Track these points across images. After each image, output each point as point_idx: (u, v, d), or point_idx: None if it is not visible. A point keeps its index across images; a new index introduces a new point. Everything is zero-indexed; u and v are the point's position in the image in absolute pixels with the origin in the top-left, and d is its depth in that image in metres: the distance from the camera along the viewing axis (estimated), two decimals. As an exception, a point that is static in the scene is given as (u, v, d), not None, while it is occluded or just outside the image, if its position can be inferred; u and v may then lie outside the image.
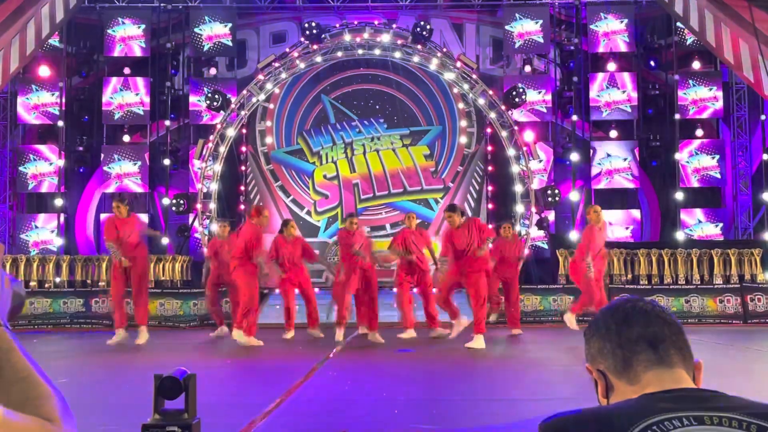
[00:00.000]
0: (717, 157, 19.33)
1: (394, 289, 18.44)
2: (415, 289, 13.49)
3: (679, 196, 19.18)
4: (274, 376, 9.12)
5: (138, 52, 19.93)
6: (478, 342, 11.33)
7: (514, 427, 5.38)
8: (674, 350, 1.79)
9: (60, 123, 19.62)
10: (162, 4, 20.09)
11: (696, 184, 19.36)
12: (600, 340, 1.85)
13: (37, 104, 19.54)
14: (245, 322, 11.88)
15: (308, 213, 19.70)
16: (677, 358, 1.78)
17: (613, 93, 19.45)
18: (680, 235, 18.74)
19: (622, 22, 19.58)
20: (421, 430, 5.59)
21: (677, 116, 19.28)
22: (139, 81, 19.74)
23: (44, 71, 19.28)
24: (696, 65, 19.49)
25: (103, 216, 19.72)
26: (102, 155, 19.73)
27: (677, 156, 19.25)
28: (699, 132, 19.54)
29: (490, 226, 13.58)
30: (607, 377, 1.81)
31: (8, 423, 1.33)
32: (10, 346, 1.46)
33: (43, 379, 1.47)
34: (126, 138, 20.06)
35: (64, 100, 19.73)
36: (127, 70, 19.89)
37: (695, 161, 19.29)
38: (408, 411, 6.46)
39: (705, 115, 19.50)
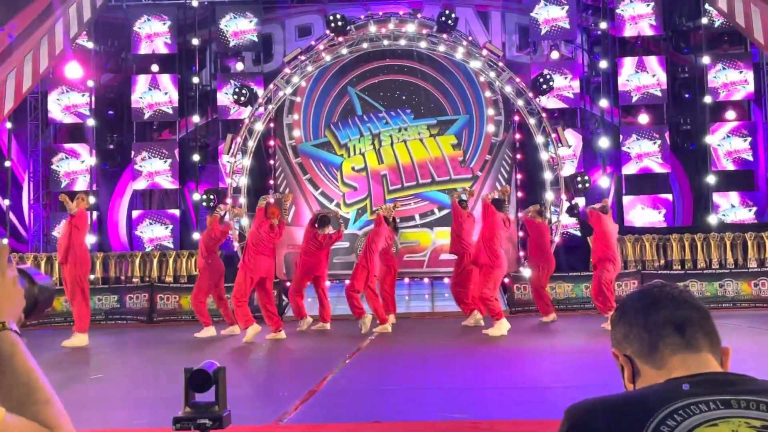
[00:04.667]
0: (749, 139, 19.07)
1: (426, 280, 18.54)
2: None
3: (711, 179, 18.95)
4: (306, 367, 9.16)
5: (164, 49, 20.04)
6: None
7: (544, 414, 5.36)
8: (701, 335, 1.78)
9: (90, 121, 19.80)
10: (187, 1, 20.18)
11: (728, 167, 19.12)
12: (626, 324, 1.84)
13: (68, 104, 19.72)
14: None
15: (337, 205, 19.70)
16: (704, 343, 1.77)
17: (642, 77, 19.24)
18: (713, 219, 18.53)
19: (648, 5, 19.35)
20: (450, 418, 5.59)
21: (708, 99, 19.04)
22: (167, 78, 19.85)
23: (73, 70, 19.43)
24: (726, 47, 19.22)
25: (135, 213, 19.91)
26: (132, 152, 19.88)
27: (708, 139, 19.02)
28: (730, 114, 19.28)
29: None
30: (633, 362, 1.81)
31: (8, 426, 1.35)
32: (13, 351, 1.47)
33: (44, 383, 1.47)
34: (156, 135, 20.19)
35: (93, 98, 19.90)
36: (155, 68, 20.00)
37: (727, 144, 19.04)
38: (438, 400, 6.46)
39: (736, 98, 19.23)
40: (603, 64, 19.61)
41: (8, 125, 18.94)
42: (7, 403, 1.42)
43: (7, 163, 19.15)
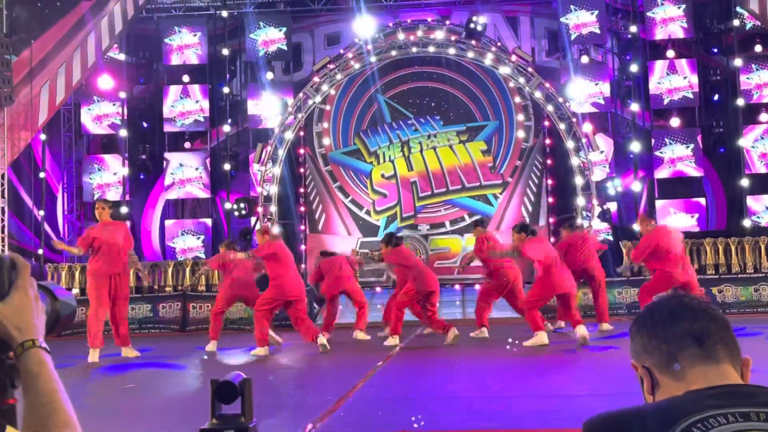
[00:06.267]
0: (783, 141, 18.82)
1: (457, 286, 18.50)
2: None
3: (745, 182, 18.73)
4: (335, 377, 9.17)
5: (195, 60, 20.21)
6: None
7: (570, 423, 5.31)
8: (721, 346, 1.77)
9: (123, 132, 20.01)
10: (217, 12, 20.35)
11: (762, 170, 18.87)
12: (645, 336, 1.83)
13: (100, 115, 19.95)
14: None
15: (367, 212, 19.76)
16: (724, 354, 1.76)
17: (674, 80, 19.06)
18: (747, 223, 18.31)
19: (679, 7, 19.17)
20: (482, 429, 5.56)
21: (740, 101, 18.83)
22: (198, 88, 20.01)
23: (105, 82, 19.67)
24: (758, 49, 19.00)
25: (167, 222, 20.07)
26: (164, 162, 20.06)
27: (741, 142, 18.80)
28: (763, 117, 19.05)
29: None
30: (652, 374, 1.80)
31: None
32: (40, 370, 1.48)
33: (66, 406, 1.48)
34: (187, 145, 20.38)
35: (125, 109, 20.11)
36: (186, 78, 20.17)
37: (761, 146, 18.81)
38: (465, 408, 6.45)
39: (769, 99, 18.98)
40: (633, 68, 19.47)
41: (42, 137, 19.19)
42: (27, 422, 1.44)
43: (42, 175, 19.40)
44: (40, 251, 18.78)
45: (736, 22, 19.02)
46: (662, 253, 11.90)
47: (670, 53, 19.29)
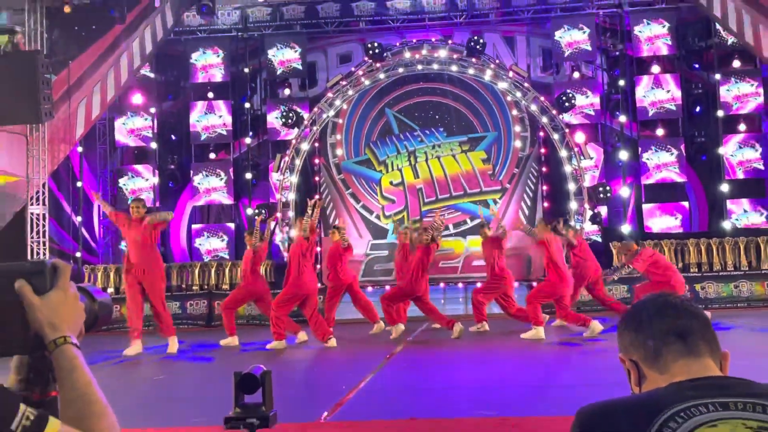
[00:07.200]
0: (760, 149, 18.76)
1: (460, 285, 18.51)
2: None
3: (725, 187, 18.67)
4: (347, 369, 9.17)
5: (219, 78, 20.27)
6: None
7: (569, 411, 5.31)
8: (702, 342, 1.77)
9: (153, 144, 20.08)
10: (239, 34, 20.42)
11: (741, 176, 18.81)
12: (632, 332, 1.84)
13: (132, 128, 20.03)
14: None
15: (377, 217, 19.77)
16: (705, 349, 1.77)
17: (658, 93, 19.04)
18: (727, 225, 18.25)
19: (664, 26, 19.16)
20: (480, 415, 5.56)
21: (720, 113, 18.77)
22: (221, 104, 20.08)
23: (137, 98, 19.76)
24: (736, 64, 18.93)
25: (194, 227, 20.12)
26: (191, 172, 20.13)
27: (721, 150, 18.74)
28: (742, 126, 18.99)
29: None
30: (639, 367, 1.80)
31: None
32: (73, 365, 1.49)
33: (100, 397, 1.49)
34: (212, 155, 20.43)
35: (156, 123, 20.20)
36: (210, 95, 20.25)
37: (739, 154, 18.75)
38: (469, 398, 6.44)
39: (747, 110, 18.90)
40: (621, 83, 19.45)
41: (80, 149, 19.25)
42: (65, 414, 1.45)
43: (79, 184, 19.45)
44: (78, 254, 18.83)
45: (716, 40, 18.98)
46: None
47: (655, 69, 19.26)
